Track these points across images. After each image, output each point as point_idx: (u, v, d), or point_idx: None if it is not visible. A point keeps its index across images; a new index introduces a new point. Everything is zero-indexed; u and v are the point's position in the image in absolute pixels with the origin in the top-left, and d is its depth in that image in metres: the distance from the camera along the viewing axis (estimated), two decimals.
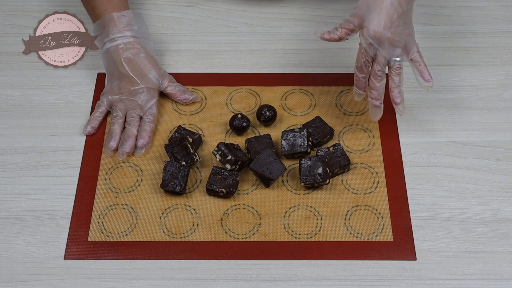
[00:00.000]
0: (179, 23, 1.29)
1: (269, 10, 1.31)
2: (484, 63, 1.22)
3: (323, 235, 1.02)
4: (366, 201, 1.06)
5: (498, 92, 1.18)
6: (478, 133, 1.13)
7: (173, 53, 1.24)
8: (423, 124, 1.14)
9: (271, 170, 1.05)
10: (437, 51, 1.24)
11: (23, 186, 1.07)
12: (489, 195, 1.06)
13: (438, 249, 1.01)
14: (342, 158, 1.07)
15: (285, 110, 1.16)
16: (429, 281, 0.98)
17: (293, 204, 1.05)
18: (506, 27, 1.28)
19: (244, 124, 1.12)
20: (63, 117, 1.15)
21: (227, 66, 1.23)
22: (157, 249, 1.01)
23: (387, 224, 1.03)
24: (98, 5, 1.15)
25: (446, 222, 1.03)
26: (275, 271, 0.99)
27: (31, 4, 1.31)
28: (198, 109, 1.16)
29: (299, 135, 1.08)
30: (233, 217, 1.04)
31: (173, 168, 1.05)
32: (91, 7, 1.16)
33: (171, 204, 1.05)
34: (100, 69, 1.20)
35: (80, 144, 1.12)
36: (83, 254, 1.01)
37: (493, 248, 1.01)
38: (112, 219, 1.04)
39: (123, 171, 1.09)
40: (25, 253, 1.01)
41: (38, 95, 1.18)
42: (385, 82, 1.06)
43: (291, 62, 1.23)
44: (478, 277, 0.98)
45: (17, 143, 1.12)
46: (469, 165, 1.09)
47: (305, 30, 1.28)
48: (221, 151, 1.05)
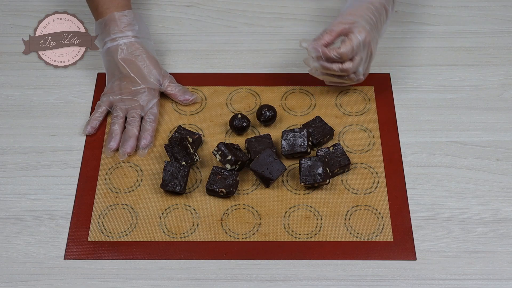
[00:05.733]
0: (179, 23, 1.29)
1: (269, 10, 1.31)
2: (484, 63, 1.22)
3: (323, 235, 1.02)
4: (366, 201, 1.06)
5: (498, 92, 1.18)
6: (478, 133, 1.13)
7: (173, 53, 1.24)
8: (423, 124, 1.14)
9: (271, 170, 1.05)
10: (437, 51, 1.24)
11: (23, 186, 1.07)
12: (489, 195, 1.06)
13: (438, 249, 1.01)
14: (342, 158, 1.07)
15: (285, 110, 1.16)
16: (429, 281, 0.98)
17: (293, 204, 1.05)
18: (506, 27, 1.28)
19: (244, 124, 1.12)
20: (63, 117, 1.15)
21: (227, 66, 1.23)
22: (157, 249, 1.01)
23: (387, 224, 1.03)
24: (101, 4, 1.15)
25: (446, 222, 1.03)
26: (275, 271, 0.99)
27: (31, 4, 1.31)
28: (198, 109, 1.16)
29: (299, 135, 1.08)
30: (233, 217, 1.04)
31: (173, 168, 1.05)
32: (94, 5, 1.16)
33: (171, 204, 1.05)
34: (100, 69, 1.20)
35: (80, 144, 1.12)
36: (83, 254, 1.01)
37: (493, 248, 1.01)
38: (112, 219, 1.04)
39: (123, 171, 1.09)
40: (25, 253, 1.01)
41: (38, 95, 1.18)
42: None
43: (291, 62, 1.23)
44: (478, 277, 0.98)
45: (17, 143, 1.12)
46: (469, 165, 1.09)
47: (305, 30, 1.28)
48: (221, 151, 1.05)
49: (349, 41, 1.06)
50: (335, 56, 1.06)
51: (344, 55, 1.06)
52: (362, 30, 1.07)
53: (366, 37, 1.07)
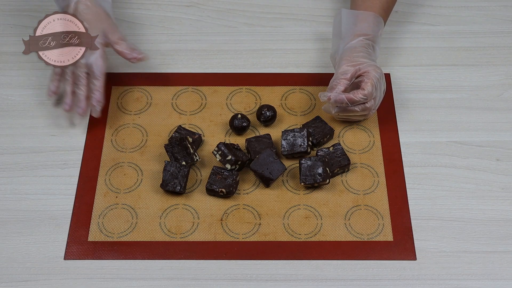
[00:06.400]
0: (179, 23, 1.29)
1: (269, 10, 1.31)
2: (484, 63, 1.22)
3: (323, 235, 1.02)
4: (366, 201, 1.06)
5: (498, 92, 1.18)
6: (478, 133, 1.13)
7: (173, 53, 1.24)
8: (423, 124, 1.14)
9: (271, 170, 1.05)
10: (437, 51, 1.24)
11: (23, 186, 1.07)
12: (489, 195, 1.06)
13: (438, 249, 1.01)
14: (342, 158, 1.07)
15: (285, 110, 1.16)
16: (429, 281, 0.98)
17: (293, 204, 1.05)
18: (506, 27, 1.28)
19: (244, 124, 1.12)
20: (63, 117, 1.15)
21: (227, 66, 1.22)
22: (157, 249, 1.01)
23: (387, 224, 1.03)
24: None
25: (446, 222, 1.03)
26: (275, 271, 0.99)
27: (31, 4, 1.31)
28: (198, 109, 1.16)
29: (299, 135, 1.08)
30: (233, 217, 1.04)
31: (173, 168, 1.05)
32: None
33: (171, 204, 1.05)
34: None
35: (80, 144, 1.12)
36: (83, 254, 1.01)
37: (493, 248, 1.01)
38: (112, 219, 1.04)
39: (123, 171, 1.09)
40: (25, 253, 1.01)
41: (38, 95, 1.18)
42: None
43: (291, 62, 1.23)
44: (478, 277, 0.98)
45: (18, 143, 1.12)
46: (469, 165, 1.09)
47: (305, 30, 1.28)
48: (221, 151, 1.05)
49: (370, 80, 1.07)
50: (361, 99, 1.07)
51: (370, 95, 1.07)
52: (376, 68, 1.09)
53: (381, 73, 1.09)
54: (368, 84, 1.07)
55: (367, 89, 1.07)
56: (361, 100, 1.07)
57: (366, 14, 1.14)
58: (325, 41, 1.25)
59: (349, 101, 1.07)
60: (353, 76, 1.09)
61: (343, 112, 1.09)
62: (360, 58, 1.10)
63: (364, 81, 1.08)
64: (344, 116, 1.12)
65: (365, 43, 1.12)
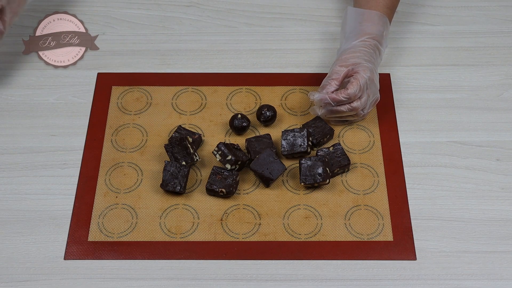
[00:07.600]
0: (179, 23, 1.29)
1: (269, 10, 1.31)
2: (484, 63, 1.22)
3: (323, 235, 1.02)
4: (366, 201, 1.06)
5: (498, 92, 1.18)
6: (478, 133, 1.13)
7: (173, 53, 1.24)
8: (423, 124, 1.14)
9: (271, 170, 1.05)
10: (437, 51, 1.24)
11: (23, 186, 1.07)
12: (489, 195, 1.06)
13: (438, 249, 1.01)
14: (342, 158, 1.07)
15: (285, 110, 1.16)
16: (429, 281, 0.98)
17: (293, 204, 1.05)
18: (506, 27, 1.28)
19: (244, 124, 1.12)
20: (63, 117, 1.15)
21: (227, 66, 1.23)
22: (157, 249, 1.01)
23: (387, 224, 1.03)
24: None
25: (446, 222, 1.03)
26: (275, 271, 0.99)
27: (31, 4, 1.31)
28: (198, 109, 1.17)
29: (299, 135, 1.08)
30: (233, 217, 1.04)
31: (173, 168, 1.05)
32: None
33: (171, 204, 1.05)
34: (100, 69, 1.20)
35: (80, 144, 1.12)
36: (83, 254, 1.01)
37: (493, 248, 1.01)
38: (112, 219, 1.04)
39: (123, 171, 1.09)
40: (25, 253, 1.01)
41: (38, 95, 1.18)
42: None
43: (291, 62, 1.23)
44: (478, 277, 0.98)
45: (17, 143, 1.12)
46: (469, 165, 1.09)
47: (305, 30, 1.28)
48: (221, 151, 1.05)
49: (356, 80, 1.07)
50: (344, 98, 1.07)
51: (353, 96, 1.07)
52: (367, 69, 1.09)
53: (371, 75, 1.09)
54: (354, 84, 1.07)
55: (350, 89, 1.07)
56: (344, 100, 1.07)
57: (371, 13, 1.14)
58: (325, 41, 1.25)
59: (332, 101, 1.07)
60: (344, 76, 1.09)
61: (330, 113, 1.10)
62: (355, 59, 1.10)
63: (350, 81, 1.08)
64: (333, 117, 1.12)
65: (368, 44, 1.12)
